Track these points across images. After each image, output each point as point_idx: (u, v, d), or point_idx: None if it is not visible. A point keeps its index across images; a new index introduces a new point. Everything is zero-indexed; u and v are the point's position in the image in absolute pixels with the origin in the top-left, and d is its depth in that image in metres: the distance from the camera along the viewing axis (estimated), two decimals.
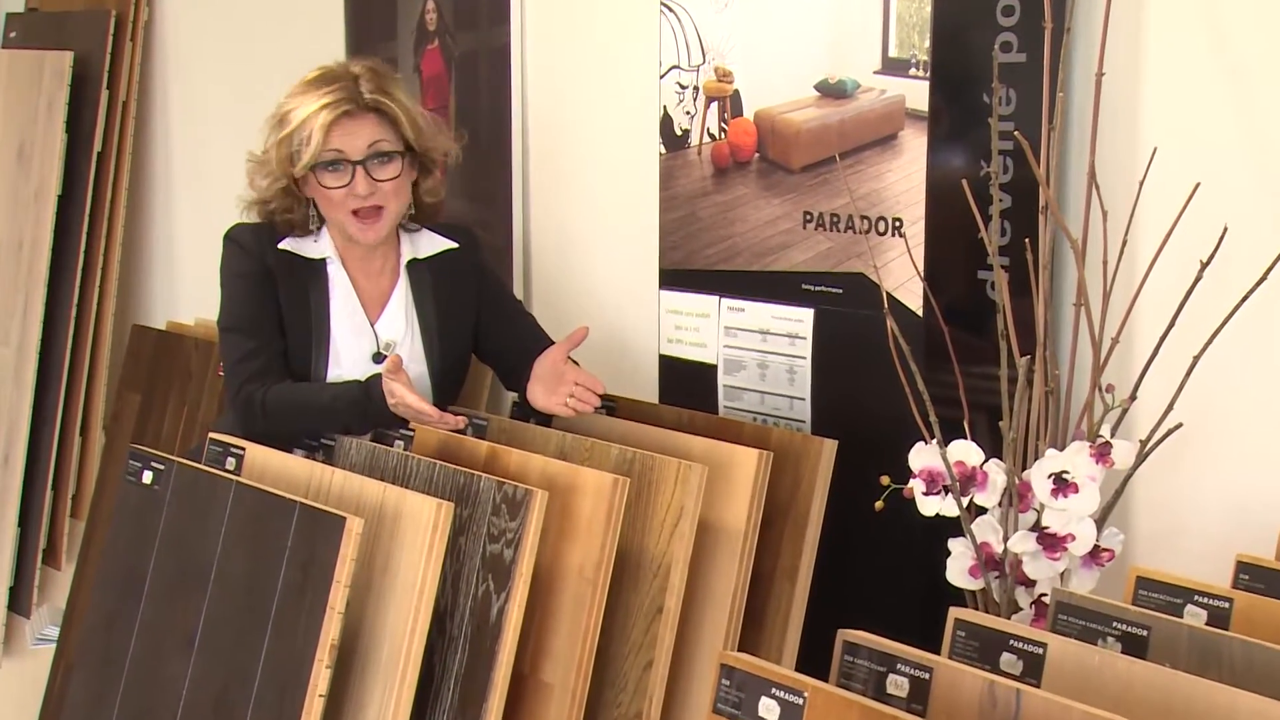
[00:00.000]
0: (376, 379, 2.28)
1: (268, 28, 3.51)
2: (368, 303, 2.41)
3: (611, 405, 2.49)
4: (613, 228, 2.74)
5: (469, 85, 2.97)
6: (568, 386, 2.27)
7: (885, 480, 1.91)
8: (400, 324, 2.42)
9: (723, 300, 2.53)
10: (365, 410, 2.27)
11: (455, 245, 2.48)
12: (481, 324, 2.44)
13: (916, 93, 2.18)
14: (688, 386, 2.59)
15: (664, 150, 2.59)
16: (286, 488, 2.06)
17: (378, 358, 2.39)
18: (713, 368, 2.56)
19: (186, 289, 3.87)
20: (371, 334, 2.40)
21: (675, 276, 2.60)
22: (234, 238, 2.39)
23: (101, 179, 3.71)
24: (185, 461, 2.19)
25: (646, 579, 2.08)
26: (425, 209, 2.46)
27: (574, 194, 2.82)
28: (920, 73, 2.17)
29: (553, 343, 2.48)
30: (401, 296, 2.43)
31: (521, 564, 1.95)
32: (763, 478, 2.14)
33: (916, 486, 1.91)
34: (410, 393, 2.19)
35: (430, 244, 2.47)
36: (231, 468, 2.24)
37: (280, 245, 2.37)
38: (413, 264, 2.44)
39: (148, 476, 2.19)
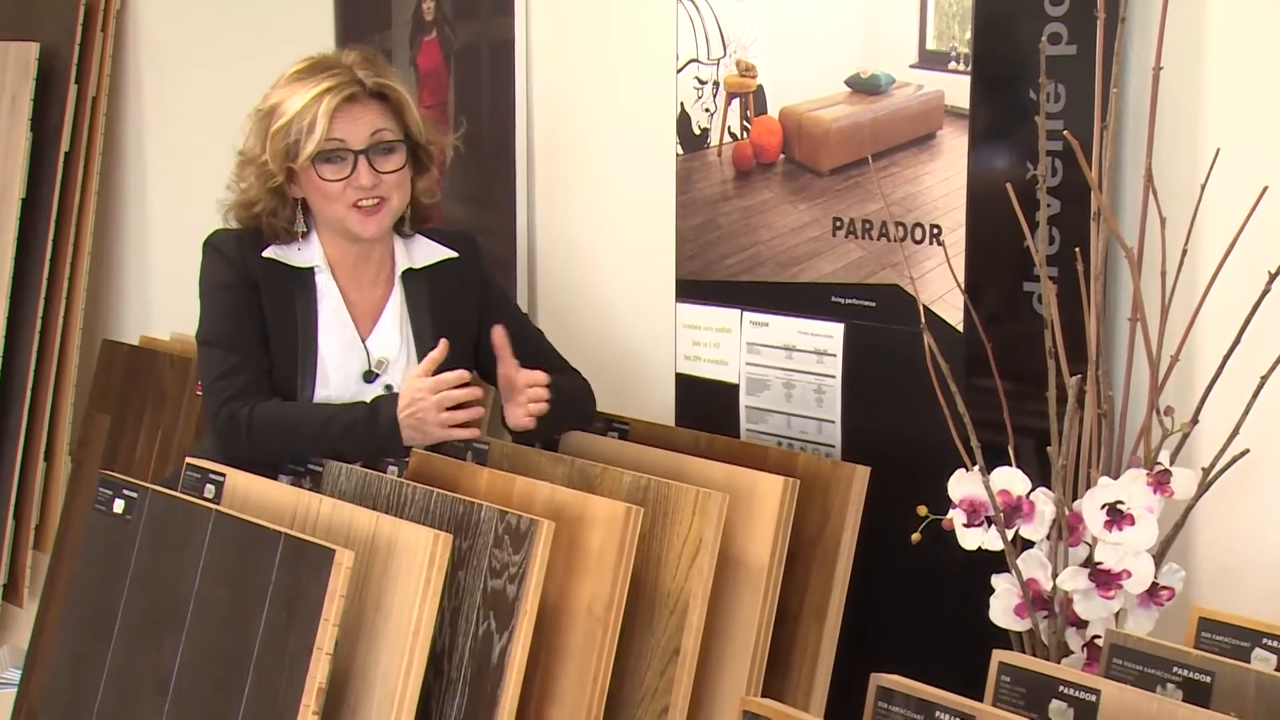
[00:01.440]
0: (387, 399, 2.28)
1: (252, 17, 3.53)
2: (359, 316, 2.42)
3: (624, 428, 2.49)
4: (625, 235, 2.75)
5: (470, 80, 2.98)
6: (521, 394, 2.31)
7: (922, 510, 1.91)
8: (394, 340, 2.42)
9: (745, 314, 2.53)
10: (370, 434, 2.27)
11: (455, 254, 2.48)
12: (483, 340, 2.43)
13: (956, 88, 2.19)
14: (707, 407, 2.59)
15: (681, 151, 2.59)
16: (270, 517, 2.06)
17: (368, 377, 2.40)
18: (734, 387, 2.56)
19: (161, 301, 3.88)
20: (362, 351, 2.41)
21: (693, 288, 2.60)
22: (214, 245, 2.40)
23: (69, 181, 3.72)
24: (160, 489, 2.19)
25: (662, 617, 2.08)
26: (421, 211, 2.47)
27: (583, 198, 2.82)
28: (961, 66, 2.18)
29: (563, 360, 2.48)
30: (396, 310, 2.43)
31: (526, 601, 1.95)
32: (788, 507, 2.13)
33: (956, 517, 1.91)
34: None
35: (427, 252, 2.47)
36: (210, 495, 2.24)
37: (265, 253, 2.38)
38: (408, 274, 2.45)
39: (119, 505, 2.20)
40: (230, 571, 2.01)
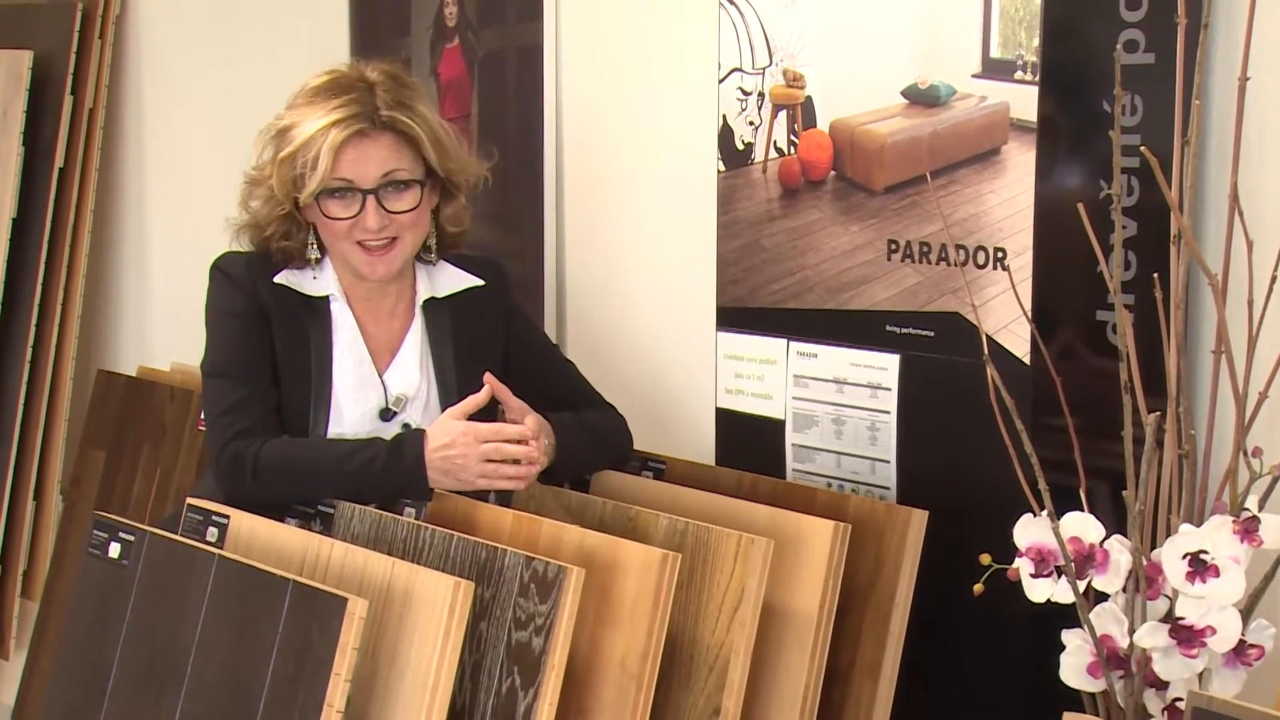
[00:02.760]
0: (412, 435, 2.28)
1: (261, 24, 3.55)
2: (376, 349, 2.42)
3: (660, 467, 2.49)
4: (662, 258, 2.75)
5: (495, 91, 2.99)
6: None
7: (986, 559, 1.90)
8: (414, 375, 2.43)
9: (791, 343, 2.53)
10: (392, 472, 2.26)
11: (480, 282, 2.48)
12: (511, 374, 2.42)
13: (1023, 100, 2.18)
14: (750, 445, 2.59)
15: (723, 167, 2.60)
16: (277, 563, 2.07)
17: (385, 414, 2.40)
18: (780, 423, 2.56)
19: (161, 329, 3.90)
20: (379, 386, 2.41)
21: (735, 316, 2.61)
22: (223, 269, 2.41)
23: (63, 199, 3.75)
24: (159, 531, 2.20)
25: (701, 674, 2.07)
26: (447, 239, 2.47)
27: (617, 218, 2.83)
28: (1028, 76, 2.18)
29: (596, 394, 2.48)
30: (416, 342, 2.44)
31: (553, 655, 1.95)
32: (839, 554, 2.13)
33: (1023, 567, 1.90)
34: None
35: (451, 280, 2.47)
36: (213, 539, 2.24)
37: (276, 279, 2.39)
38: (430, 304, 2.45)
39: (114, 549, 2.20)
40: (234, 621, 2.01)
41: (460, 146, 2.45)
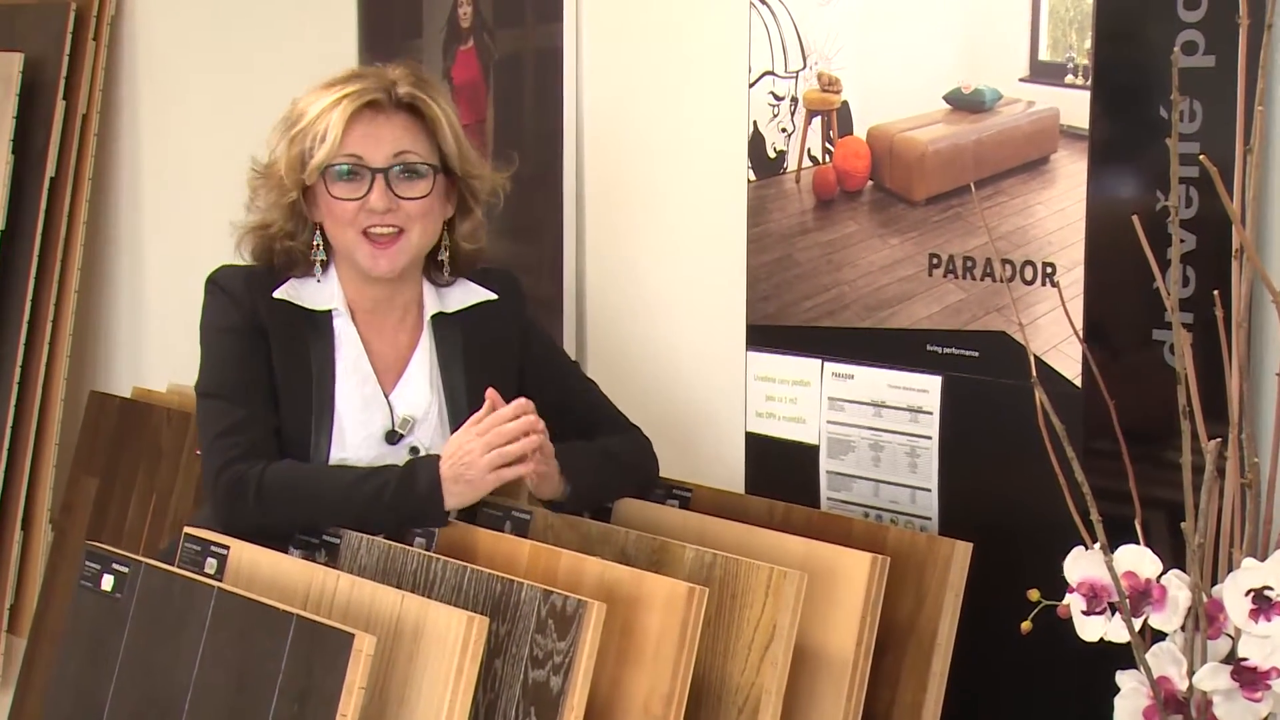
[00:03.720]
0: (425, 458, 2.28)
1: (265, 26, 3.57)
2: (382, 368, 2.43)
3: (686, 495, 2.49)
4: (688, 273, 2.75)
5: (511, 95, 3.00)
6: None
7: (1034, 595, 1.89)
8: (422, 395, 2.43)
9: (826, 364, 2.53)
10: (406, 497, 2.25)
11: (493, 295, 2.49)
12: (527, 394, 2.39)
13: (1074, 105, 2.18)
14: (781, 472, 2.59)
15: (754, 176, 2.60)
16: (280, 596, 2.07)
17: (392, 437, 2.40)
18: (814, 449, 2.56)
19: (157, 348, 3.91)
20: (385, 407, 2.41)
21: (766, 334, 2.61)
22: (219, 283, 2.42)
23: (55, 210, 3.77)
24: (155, 563, 2.21)
25: (729, 716, 2.07)
26: (462, 258, 2.47)
27: (640, 231, 2.83)
28: (1079, 80, 2.17)
29: (620, 416, 2.48)
30: (424, 360, 2.44)
31: (572, 695, 1.94)
32: (877, 589, 2.12)
33: (1074, 603, 1.89)
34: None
35: (462, 294, 2.48)
36: (212, 570, 2.25)
37: (276, 294, 2.39)
38: (439, 319, 2.46)
39: (108, 582, 2.21)
40: (234, 658, 2.01)
41: (478, 154, 2.47)
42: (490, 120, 3.04)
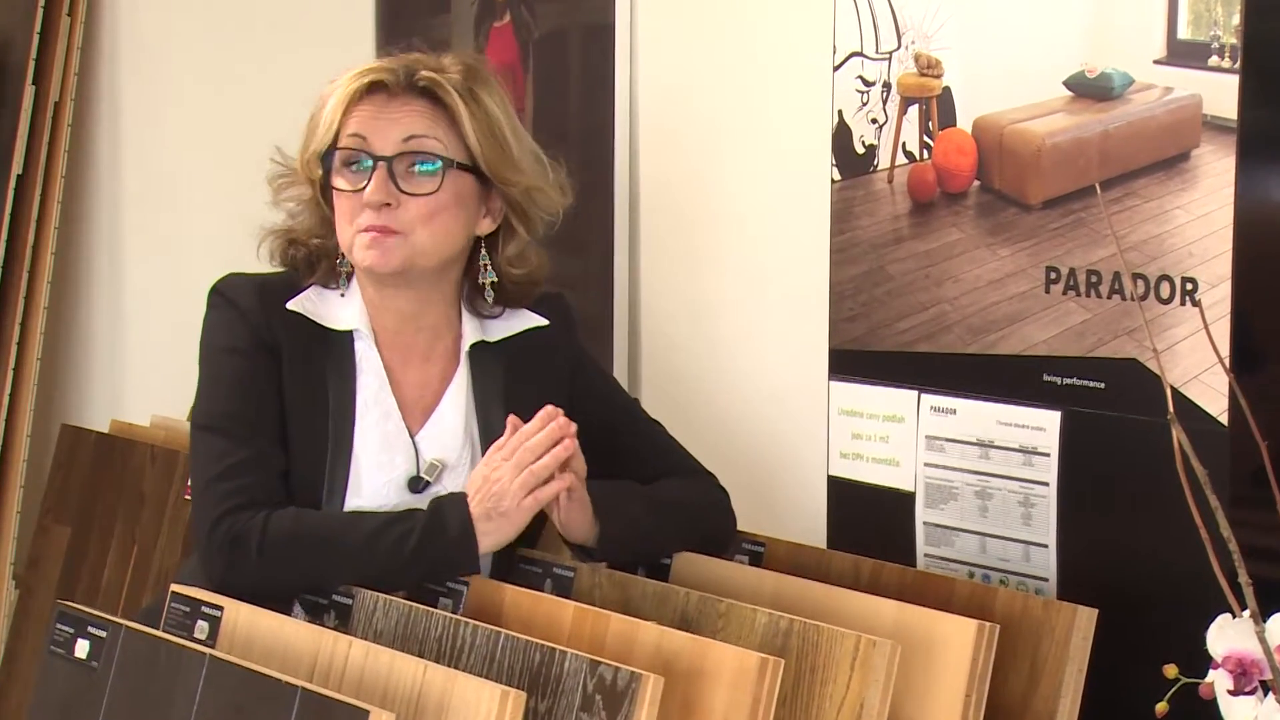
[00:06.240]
0: (451, 497, 2.27)
1: (268, 2, 3.58)
2: (408, 403, 2.42)
3: (758, 549, 2.48)
4: (761, 289, 2.76)
5: (554, 80, 3.01)
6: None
7: (1171, 671, 1.88)
8: (456, 437, 2.42)
9: (924, 396, 2.53)
10: (434, 544, 2.24)
11: (542, 322, 2.48)
12: (580, 436, 2.35)
13: (1219, 92, 2.18)
14: (871, 523, 2.59)
15: (838, 176, 2.60)
16: (282, 665, 2.07)
17: (416, 484, 2.38)
18: (908, 496, 2.56)
19: (139, 375, 3.94)
20: (410, 449, 2.40)
21: (853, 360, 2.61)
22: (225, 293, 2.40)
23: (22, 213, 3.80)
24: (137, 626, 2.21)
25: None
26: (511, 286, 2.45)
27: (704, 239, 2.83)
28: (1225, 62, 2.17)
29: (691, 460, 2.48)
30: (458, 397, 2.43)
31: None
32: (984, 661, 2.12)
33: (1219, 680, 1.88)
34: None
35: (507, 320, 2.47)
36: (203, 635, 2.25)
37: (290, 305, 2.38)
38: (479, 349, 2.45)
39: (82, 648, 2.22)
40: None
41: (541, 166, 2.42)
42: (529, 108, 3.05)
